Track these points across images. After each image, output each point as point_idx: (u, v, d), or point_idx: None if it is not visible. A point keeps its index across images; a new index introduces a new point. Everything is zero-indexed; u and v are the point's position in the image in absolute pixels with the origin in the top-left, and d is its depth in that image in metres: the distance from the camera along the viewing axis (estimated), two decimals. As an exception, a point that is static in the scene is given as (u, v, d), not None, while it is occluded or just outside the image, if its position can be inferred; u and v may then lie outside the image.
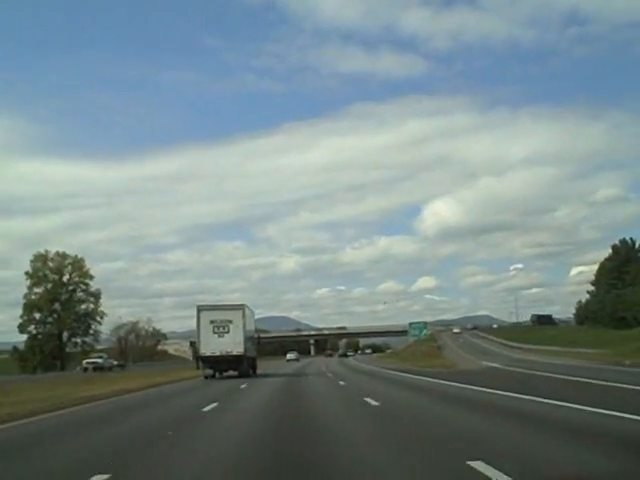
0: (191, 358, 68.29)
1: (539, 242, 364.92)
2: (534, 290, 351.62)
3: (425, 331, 67.21)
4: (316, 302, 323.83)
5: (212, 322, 33.11)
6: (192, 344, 46.77)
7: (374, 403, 13.97)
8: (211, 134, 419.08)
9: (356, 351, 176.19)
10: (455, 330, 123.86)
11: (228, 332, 33.06)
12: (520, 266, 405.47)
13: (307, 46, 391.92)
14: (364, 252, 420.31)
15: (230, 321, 33.20)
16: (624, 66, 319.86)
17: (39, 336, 79.48)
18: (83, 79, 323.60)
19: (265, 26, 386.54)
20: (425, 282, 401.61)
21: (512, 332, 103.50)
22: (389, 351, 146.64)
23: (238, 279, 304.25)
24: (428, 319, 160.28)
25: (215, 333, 33.03)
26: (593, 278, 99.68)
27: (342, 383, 24.19)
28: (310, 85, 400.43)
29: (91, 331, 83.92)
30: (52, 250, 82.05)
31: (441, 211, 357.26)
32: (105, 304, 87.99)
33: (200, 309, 33.69)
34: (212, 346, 32.57)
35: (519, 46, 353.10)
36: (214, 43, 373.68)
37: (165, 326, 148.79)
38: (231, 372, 33.14)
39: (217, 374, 32.99)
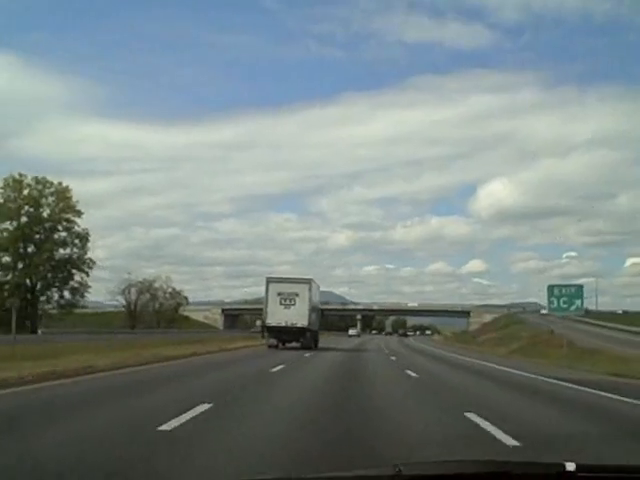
0: (222, 327, 64.56)
1: (596, 230, 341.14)
2: (585, 279, 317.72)
3: (578, 304, 32.68)
4: (364, 279, 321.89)
5: (280, 294, 35.27)
6: (223, 311, 48.86)
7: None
8: (269, 101, 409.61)
9: (415, 331, 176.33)
10: (543, 311, 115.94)
11: (294, 304, 35.14)
12: (574, 254, 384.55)
13: (372, 11, 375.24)
14: (415, 231, 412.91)
15: (297, 294, 35.34)
16: None
17: (5, 286, 60.56)
18: (144, 40, 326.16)
19: None
20: (475, 265, 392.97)
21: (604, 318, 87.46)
22: (449, 333, 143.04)
23: (288, 252, 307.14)
24: (475, 303, 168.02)
25: (282, 305, 35.12)
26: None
27: (413, 375, 19.30)
28: (373, 54, 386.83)
29: (73, 283, 64.45)
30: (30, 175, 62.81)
31: (497, 192, 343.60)
32: (159, 269, 77.99)
33: (269, 280, 35.91)
34: (278, 317, 34.75)
35: (592, 19, 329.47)
36: (274, 6, 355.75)
37: (212, 294, 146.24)
38: (294, 343, 35.16)
39: (280, 344, 35.04)
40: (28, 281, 62.97)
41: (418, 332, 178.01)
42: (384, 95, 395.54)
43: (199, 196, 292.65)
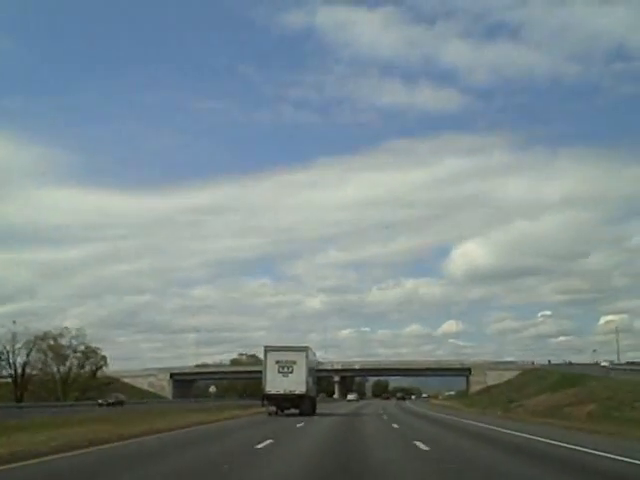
0: (171, 397, 69.88)
1: (569, 289, 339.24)
2: (561, 338, 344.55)
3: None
4: (340, 343, 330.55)
5: (278, 362, 36.98)
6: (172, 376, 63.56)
7: None
8: (244, 166, 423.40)
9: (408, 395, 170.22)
10: (603, 363, 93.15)
11: (292, 372, 36.89)
12: (548, 313, 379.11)
13: (344, 77, 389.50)
14: (390, 293, 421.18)
15: (294, 362, 37.14)
16: None
17: None
18: (115, 106, 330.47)
19: (302, 55, 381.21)
20: (450, 326, 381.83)
21: None
22: (447, 393, 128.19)
23: (263, 317, 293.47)
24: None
25: (280, 373, 36.80)
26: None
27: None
28: (346, 118, 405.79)
29: None
30: None
31: (470, 253, 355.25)
32: (130, 337, 59.70)
33: (267, 350, 37.85)
34: (277, 385, 36.66)
35: (561, 82, 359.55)
36: (249, 72, 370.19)
37: (187, 362, 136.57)
38: (292, 410, 36.84)
39: (279, 411, 36.84)
40: None
41: (414, 396, 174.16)
42: (358, 159, 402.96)
43: (173, 262, 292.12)
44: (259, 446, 16.32)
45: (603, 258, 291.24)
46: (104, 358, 77.82)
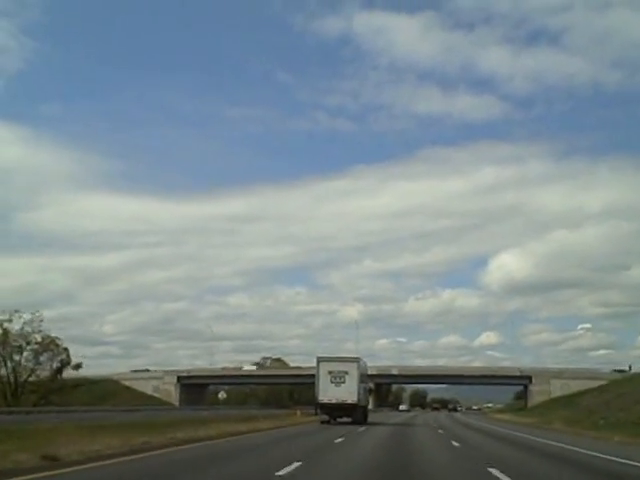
0: (178, 403, 62.43)
1: (609, 301, 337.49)
2: (601, 352, 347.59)
3: None
4: (376, 352, 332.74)
5: (330, 372, 38.86)
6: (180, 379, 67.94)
7: None
8: (279, 174, 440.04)
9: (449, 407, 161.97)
10: None
11: (344, 382, 38.57)
12: (588, 326, 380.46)
13: (381, 83, 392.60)
14: (427, 304, 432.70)
15: (346, 372, 38.81)
16: None
17: None
18: (154, 114, 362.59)
19: (339, 62, 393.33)
20: (488, 338, 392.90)
21: None
22: (489, 405, 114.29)
23: (298, 325, 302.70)
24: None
25: (332, 382, 38.62)
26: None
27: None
28: (383, 125, 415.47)
29: None
30: None
31: (508, 264, 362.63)
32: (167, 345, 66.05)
33: (320, 360, 39.91)
34: (329, 394, 38.50)
35: (603, 90, 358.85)
36: (285, 79, 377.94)
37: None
38: (345, 419, 39.38)
39: (332, 420, 39.43)
40: None
41: (463, 408, 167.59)
42: (393, 167, 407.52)
43: (208, 270, 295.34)
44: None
45: None
46: (67, 352, 61.76)
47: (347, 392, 38.45)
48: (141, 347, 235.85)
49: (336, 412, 39.53)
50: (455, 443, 24.75)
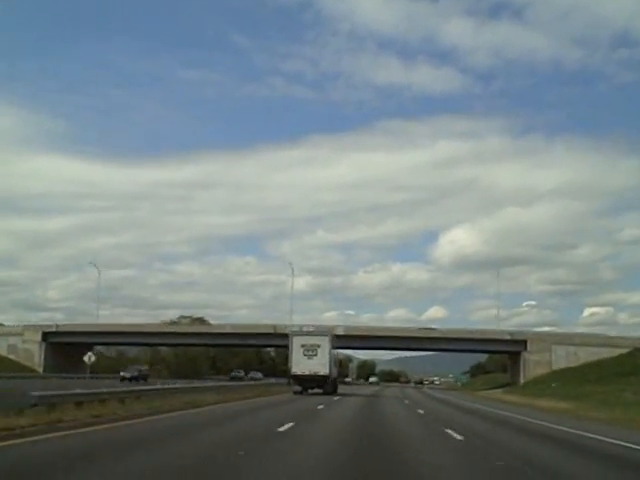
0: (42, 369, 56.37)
1: (556, 279, 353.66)
2: (545, 328, 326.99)
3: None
4: (324, 325, 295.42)
5: (303, 346, 40.24)
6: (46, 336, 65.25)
7: None
8: (233, 141, 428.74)
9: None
10: None
11: (316, 355, 39.93)
12: (533, 303, 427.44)
13: (341, 51, 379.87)
14: (377, 277, 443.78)
15: (318, 345, 40.23)
16: None
17: None
18: (104, 73, 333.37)
19: (298, 26, 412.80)
20: (435, 312, 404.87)
21: None
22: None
23: (247, 295, 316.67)
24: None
25: (305, 355, 39.91)
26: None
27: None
28: (341, 95, 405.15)
29: None
30: None
31: (459, 239, 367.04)
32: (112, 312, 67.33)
33: (292, 334, 42.11)
34: (302, 366, 39.92)
35: (563, 67, 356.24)
36: (243, 42, 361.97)
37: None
38: (316, 390, 41.01)
39: (304, 391, 41.16)
40: None
41: (426, 382, 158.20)
42: (351, 138, 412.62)
43: (157, 237, 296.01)
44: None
45: (592, 250, 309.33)
46: None
47: (319, 364, 39.84)
48: (86, 314, 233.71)
49: (308, 383, 40.70)
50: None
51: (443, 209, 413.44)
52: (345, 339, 78.61)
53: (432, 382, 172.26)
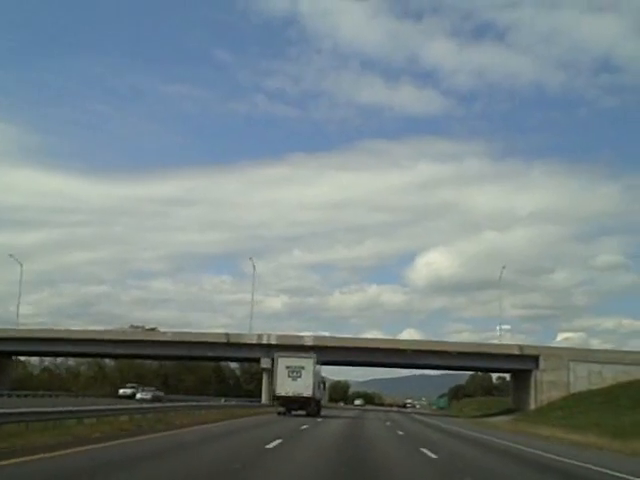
0: None
1: (530, 304, 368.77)
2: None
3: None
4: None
5: (288, 367, 40.30)
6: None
7: None
8: (214, 158, 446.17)
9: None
10: None
11: (300, 377, 39.93)
12: (507, 327, 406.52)
13: (324, 69, 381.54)
14: (352, 298, 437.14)
15: (302, 367, 40.26)
16: None
17: None
18: (83, 87, 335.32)
19: (282, 43, 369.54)
20: (409, 334, 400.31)
21: None
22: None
23: (222, 314, 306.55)
24: (409, 373, 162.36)
25: (289, 377, 40.02)
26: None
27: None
28: (323, 113, 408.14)
29: None
30: None
31: (436, 262, 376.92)
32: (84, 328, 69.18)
33: (278, 355, 41.96)
34: (286, 388, 39.98)
35: (545, 90, 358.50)
36: (225, 57, 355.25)
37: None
38: (300, 412, 40.42)
39: (287, 412, 40.64)
40: None
41: (409, 406, 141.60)
42: (332, 157, 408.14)
43: (133, 253, 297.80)
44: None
45: (567, 275, 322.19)
46: None
47: (303, 386, 39.95)
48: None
49: (292, 405, 40.72)
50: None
51: (422, 231, 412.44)
52: (316, 351, 64.69)
53: (412, 405, 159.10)
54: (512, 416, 58.14)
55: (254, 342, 65.48)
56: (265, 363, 65.63)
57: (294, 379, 39.72)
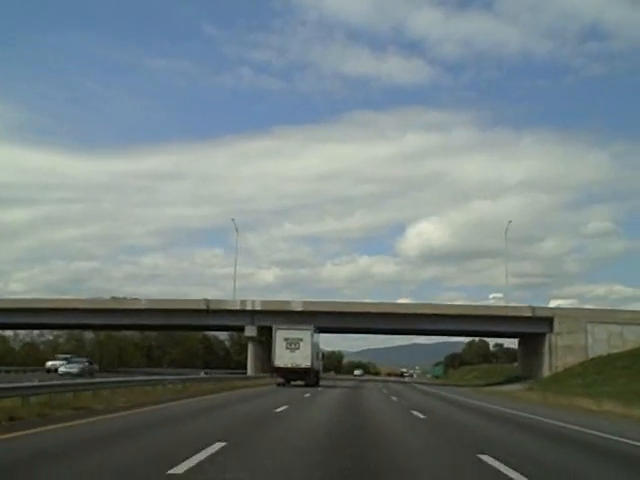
0: None
1: (522, 272, 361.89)
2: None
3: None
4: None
5: (286, 339, 40.88)
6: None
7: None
8: (201, 132, 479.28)
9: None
10: None
11: (299, 348, 40.48)
12: (499, 295, 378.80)
13: (310, 40, 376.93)
14: (344, 269, 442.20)
15: (301, 339, 40.89)
16: (637, 89, 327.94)
17: None
18: (71, 61, 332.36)
19: (267, 14, 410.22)
20: None
21: None
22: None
23: (214, 288, 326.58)
24: (402, 343, 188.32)
25: (288, 349, 40.53)
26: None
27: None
28: (309, 85, 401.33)
29: None
30: None
31: (426, 232, 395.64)
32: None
33: (276, 328, 42.05)
34: (285, 359, 40.46)
35: (532, 59, 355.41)
36: (211, 31, 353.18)
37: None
38: (299, 382, 41.16)
39: (287, 383, 41.04)
40: None
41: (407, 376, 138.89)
42: (319, 129, 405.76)
43: (123, 228, 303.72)
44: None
45: (557, 243, 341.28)
46: None
47: (301, 357, 40.41)
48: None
49: (291, 375, 41.16)
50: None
51: (411, 202, 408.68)
52: (306, 318, 58.94)
53: (410, 375, 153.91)
54: (523, 384, 51.85)
55: (237, 308, 59.42)
56: (250, 331, 60.58)
57: (292, 350, 40.50)
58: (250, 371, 60.43)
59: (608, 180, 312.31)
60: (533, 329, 55.53)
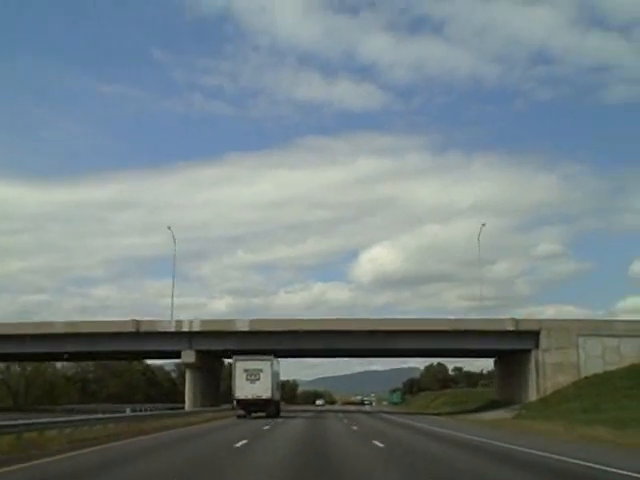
0: None
1: (474, 295, 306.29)
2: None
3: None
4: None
5: (246, 370, 40.52)
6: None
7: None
8: (151, 159, 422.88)
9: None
10: None
11: (259, 379, 40.26)
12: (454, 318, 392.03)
13: (262, 66, 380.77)
14: (297, 297, 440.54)
15: (261, 370, 40.64)
16: (585, 112, 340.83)
17: None
18: (14, 88, 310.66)
19: (218, 40, 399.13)
20: None
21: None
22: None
23: (167, 318, 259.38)
24: (358, 369, 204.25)
25: (248, 380, 40.19)
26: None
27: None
28: (262, 111, 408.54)
29: None
30: None
31: (380, 257, 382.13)
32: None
33: (236, 359, 41.60)
34: (245, 391, 40.19)
35: (482, 84, 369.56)
36: (161, 56, 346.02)
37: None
38: (260, 413, 41.33)
39: (247, 415, 40.85)
40: None
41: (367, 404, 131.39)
42: (271, 155, 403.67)
43: (71, 260, 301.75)
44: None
45: (509, 265, 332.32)
46: None
47: (262, 388, 40.21)
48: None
49: (252, 407, 40.84)
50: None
51: (364, 227, 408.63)
52: (252, 339, 50.80)
53: (369, 403, 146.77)
54: (507, 411, 44.33)
55: (172, 330, 50.66)
56: (187, 356, 51.68)
57: (252, 382, 40.04)
58: (189, 405, 51.60)
59: (557, 202, 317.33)
60: (515, 345, 48.32)
